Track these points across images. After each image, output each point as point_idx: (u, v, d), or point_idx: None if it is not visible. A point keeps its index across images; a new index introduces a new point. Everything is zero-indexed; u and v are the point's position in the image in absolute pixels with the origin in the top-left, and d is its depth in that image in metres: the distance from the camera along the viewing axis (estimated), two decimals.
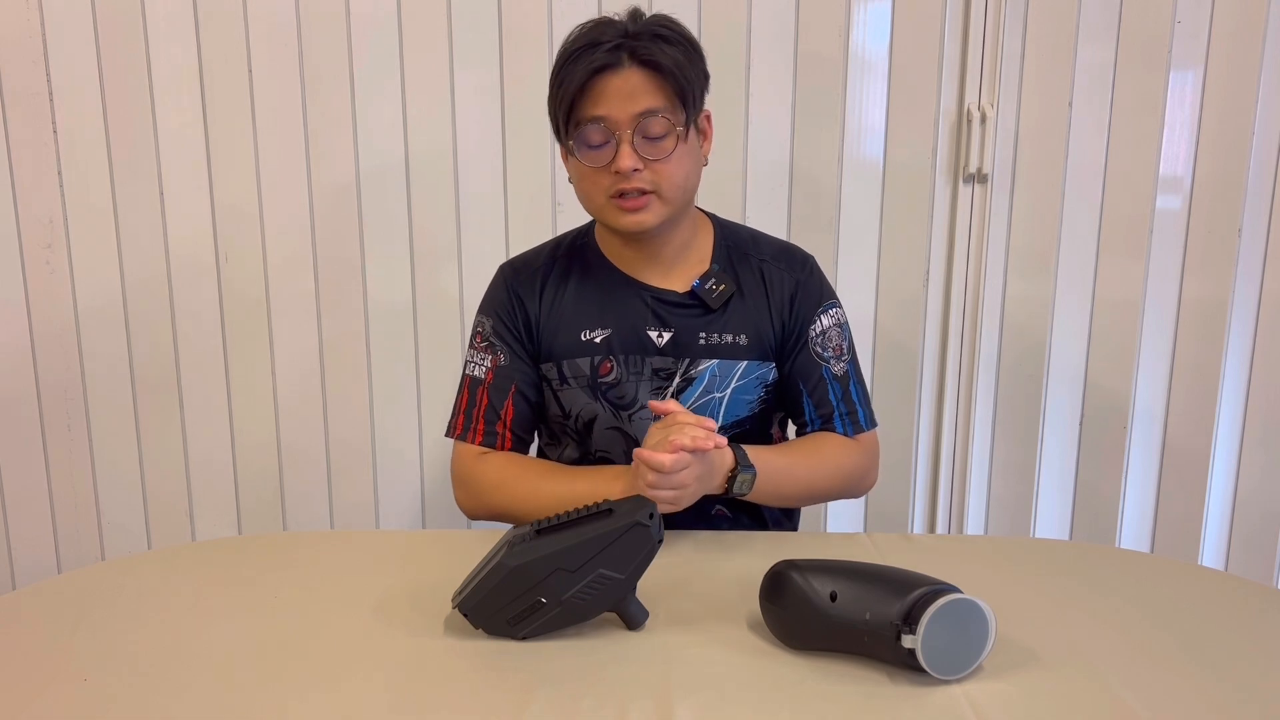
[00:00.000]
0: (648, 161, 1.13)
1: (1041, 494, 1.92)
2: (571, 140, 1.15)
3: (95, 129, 1.80)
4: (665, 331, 1.23)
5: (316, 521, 1.95)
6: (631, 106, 1.12)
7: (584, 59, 1.11)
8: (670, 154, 1.14)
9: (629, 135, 1.12)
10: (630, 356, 1.23)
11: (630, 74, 1.12)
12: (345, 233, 1.84)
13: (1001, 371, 1.88)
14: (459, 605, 0.93)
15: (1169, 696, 0.84)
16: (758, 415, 1.27)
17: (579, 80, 1.11)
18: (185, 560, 1.13)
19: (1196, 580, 1.13)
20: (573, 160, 1.17)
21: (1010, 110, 1.78)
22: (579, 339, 1.24)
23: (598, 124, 1.12)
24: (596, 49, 1.11)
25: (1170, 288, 1.83)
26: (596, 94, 1.12)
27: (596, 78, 1.11)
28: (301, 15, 1.76)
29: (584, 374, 1.24)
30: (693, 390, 1.23)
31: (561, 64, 1.14)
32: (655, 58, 1.12)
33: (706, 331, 1.23)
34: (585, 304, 1.25)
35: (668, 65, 1.12)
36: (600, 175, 1.15)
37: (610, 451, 1.27)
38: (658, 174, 1.14)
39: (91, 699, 0.84)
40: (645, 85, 1.12)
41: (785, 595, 0.89)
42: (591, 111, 1.12)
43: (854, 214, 1.82)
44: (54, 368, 1.89)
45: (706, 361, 1.23)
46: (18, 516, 1.95)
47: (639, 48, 1.11)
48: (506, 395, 1.26)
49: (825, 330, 1.28)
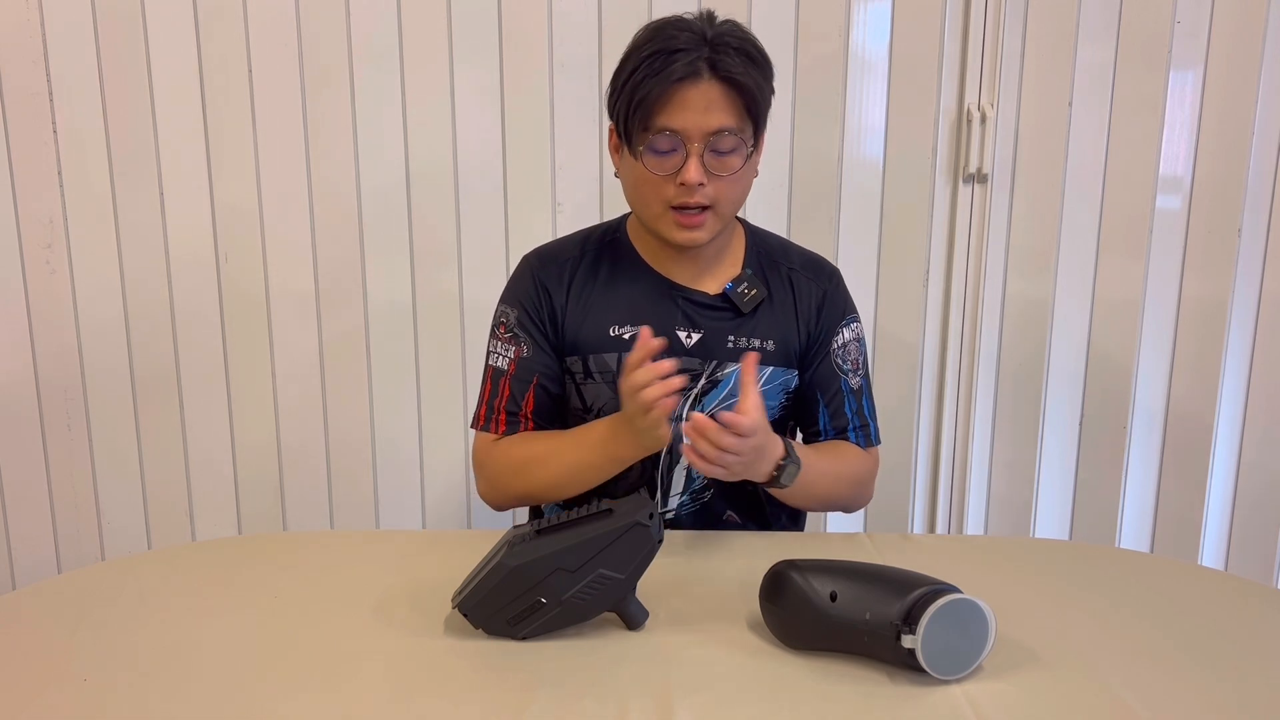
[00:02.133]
0: (712, 177, 1.12)
1: (1041, 494, 1.92)
2: (640, 146, 1.12)
3: (95, 129, 1.80)
4: (694, 332, 1.23)
5: (316, 521, 1.95)
6: (706, 122, 1.10)
7: (662, 65, 1.08)
8: (736, 172, 1.13)
9: (698, 149, 1.10)
10: (657, 356, 1.23)
11: (709, 88, 1.09)
12: (345, 233, 1.84)
13: (1001, 371, 1.88)
14: (459, 605, 0.93)
15: (1169, 696, 0.84)
16: (777, 422, 1.27)
17: (656, 90, 1.08)
18: (185, 560, 1.13)
19: (1196, 580, 1.13)
20: (631, 161, 1.15)
21: (1010, 110, 1.78)
22: (608, 334, 1.23)
23: (669, 134, 1.10)
24: (675, 57, 1.08)
25: (1170, 287, 1.83)
26: (672, 104, 1.09)
27: (675, 88, 1.08)
28: (301, 15, 1.76)
29: (610, 370, 1.23)
30: (718, 392, 1.23)
31: (636, 65, 1.10)
32: (736, 76, 1.09)
33: (735, 335, 1.23)
34: (615, 299, 1.24)
35: (746, 84, 1.10)
36: (663, 184, 1.12)
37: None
38: (719, 190, 1.13)
39: (91, 699, 0.84)
40: (722, 101, 1.10)
41: (785, 595, 0.89)
42: (665, 122, 1.10)
43: (854, 214, 1.82)
44: (54, 368, 1.89)
45: (733, 365, 1.22)
46: (18, 516, 1.95)
47: (720, 61, 1.09)
48: (529, 387, 1.24)
49: (846, 343, 1.28)
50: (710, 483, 1.26)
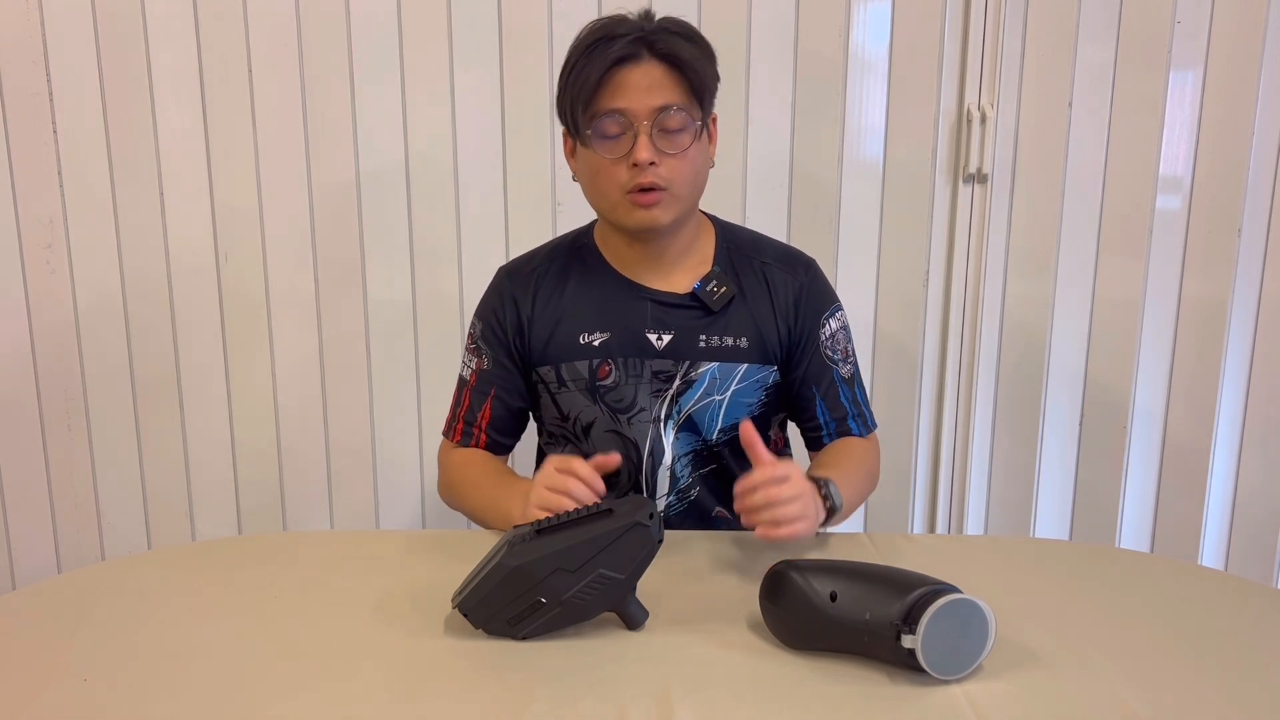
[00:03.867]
0: (664, 156, 1.13)
1: (1041, 494, 1.92)
2: (588, 131, 1.14)
3: (95, 129, 1.80)
4: (665, 334, 1.23)
5: (316, 521, 1.95)
6: (650, 100, 1.12)
7: (602, 51, 1.11)
8: (686, 150, 1.14)
9: (647, 127, 1.12)
10: (629, 360, 1.23)
11: (650, 67, 1.12)
12: (345, 233, 1.84)
13: (1001, 371, 1.88)
14: (459, 605, 0.93)
15: (1169, 696, 0.84)
16: (757, 418, 1.26)
17: (598, 71, 1.11)
18: (185, 560, 1.13)
19: (1196, 580, 1.13)
20: (584, 155, 1.16)
21: (1010, 110, 1.78)
22: (577, 342, 1.24)
23: (615, 116, 1.12)
24: (614, 42, 1.11)
25: (1170, 287, 1.83)
26: (615, 86, 1.12)
27: (616, 69, 1.11)
28: (301, 15, 1.76)
29: (582, 377, 1.24)
30: (692, 393, 1.23)
31: (576, 57, 1.13)
32: (676, 52, 1.12)
33: (707, 334, 1.23)
34: (583, 306, 1.25)
35: (688, 60, 1.12)
36: (615, 169, 1.14)
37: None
38: (672, 170, 1.14)
39: (91, 699, 0.84)
40: (665, 79, 1.12)
41: (785, 595, 0.89)
42: (610, 104, 1.12)
43: (854, 214, 1.82)
44: (54, 368, 1.89)
45: (706, 364, 1.22)
46: (18, 516, 1.95)
47: (658, 41, 1.12)
48: (486, 399, 1.28)
49: (834, 333, 1.28)
50: (696, 480, 1.26)
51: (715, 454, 1.26)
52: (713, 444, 1.25)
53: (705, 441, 1.25)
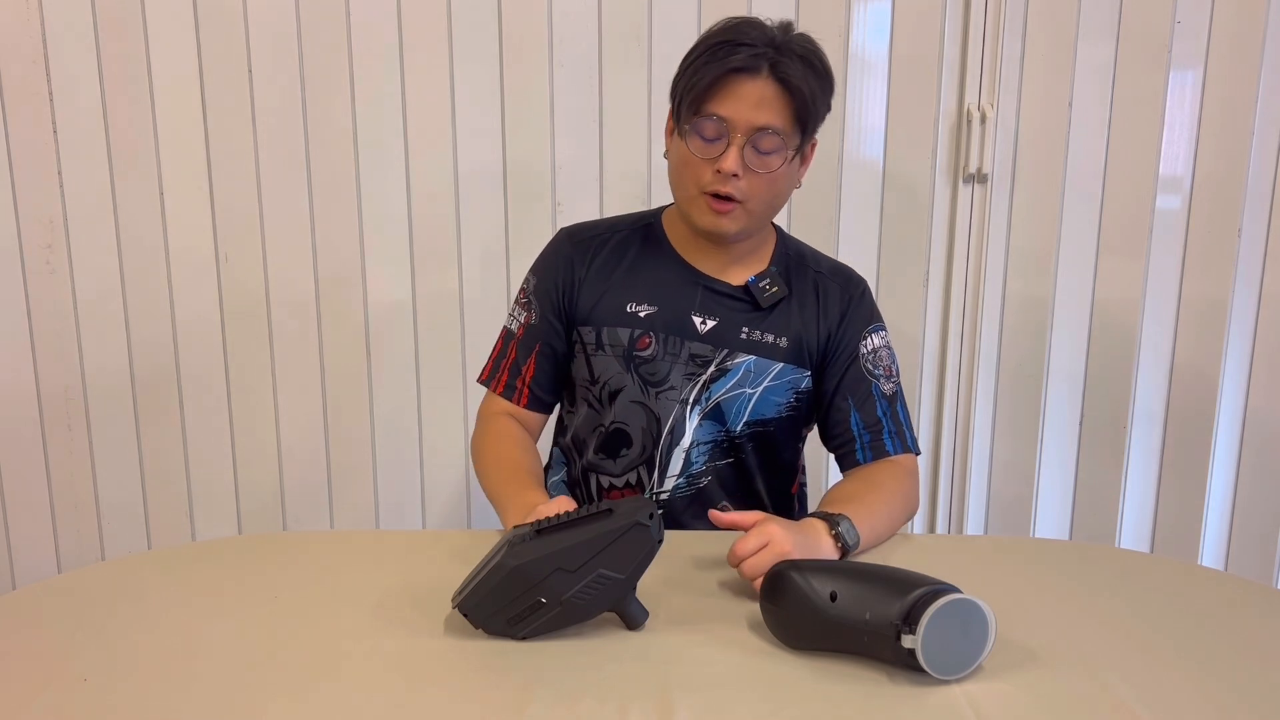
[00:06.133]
0: (749, 172, 1.14)
1: (1041, 494, 1.92)
2: (688, 125, 1.15)
3: (95, 129, 1.80)
4: (710, 319, 1.24)
5: (317, 521, 1.95)
6: (754, 117, 1.12)
7: (724, 55, 1.12)
8: (773, 172, 1.15)
9: (741, 140, 1.13)
10: (671, 337, 1.24)
11: (764, 84, 1.12)
12: (345, 232, 1.84)
13: (1001, 371, 1.88)
14: (459, 605, 0.93)
15: (1169, 696, 0.84)
16: (785, 420, 1.27)
17: (713, 75, 1.12)
18: (185, 560, 1.13)
19: (1196, 580, 1.13)
20: (678, 142, 1.18)
21: (1010, 110, 1.78)
22: (624, 310, 1.25)
23: (716, 120, 1.13)
24: (739, 50, 1.11)
25: (1170, 287, 1.83)
26: (725, 93, 1.12)
27: (731, 76, 1.12)
28: (301, 15, 1.76)
29: (621, 344, 1.25)
30: (725, 381, 1.24)
31: (701, 51, 1.14)
32: (792, 79, 1.12)
33: (749, 327, 1.24)
34: (637, 279, 1.27)
35: (801, 89, 1.13)
36: (701, 166, 1.15)
37: (629, 425, 1.26)
38: (753, 186, 1.15)
39: (91, 699, 0.84)
40: (774, 100, 1.13)
41: (785, 595, 0.89)
42: (715, 108, 1.13)
43: (854, 214, 1.82)
44: (54, 368, 1.89)
45: (744, 356, 1.24)
46: (18, 516, 1.95)
47: (780, 62, 1.12)
48: (531, 353, 1.29)
49: (876, 349, 1.29)
50: (709, 471, 1.27)
51: (736, 447, 1.27)
52: (735, 435, 1.26)
53: (728, 432, 1.26)
